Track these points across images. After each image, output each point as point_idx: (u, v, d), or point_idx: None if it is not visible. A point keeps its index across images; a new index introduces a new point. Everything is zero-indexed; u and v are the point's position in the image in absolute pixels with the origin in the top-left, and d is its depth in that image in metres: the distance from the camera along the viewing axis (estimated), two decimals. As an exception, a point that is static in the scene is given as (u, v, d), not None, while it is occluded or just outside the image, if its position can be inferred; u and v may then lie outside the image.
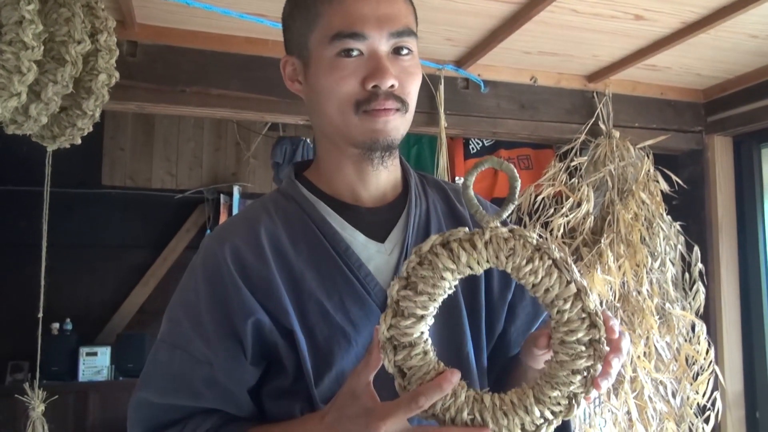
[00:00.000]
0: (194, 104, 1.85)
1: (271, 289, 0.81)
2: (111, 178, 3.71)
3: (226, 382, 0.80)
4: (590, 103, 2.21)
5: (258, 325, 0.81)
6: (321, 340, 0.82)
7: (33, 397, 1.62)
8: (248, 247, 0.84)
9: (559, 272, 0.65)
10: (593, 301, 0.65)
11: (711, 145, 2.32)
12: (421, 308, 0.66)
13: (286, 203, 0.90)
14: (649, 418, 2.04)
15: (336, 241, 0.86)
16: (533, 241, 0.66)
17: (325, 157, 0.91)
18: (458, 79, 2.09)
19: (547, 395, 0.65)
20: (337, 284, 0.84)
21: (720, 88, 2.25)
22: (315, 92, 0.86)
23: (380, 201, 0.91)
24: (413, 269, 0.67)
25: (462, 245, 0.66)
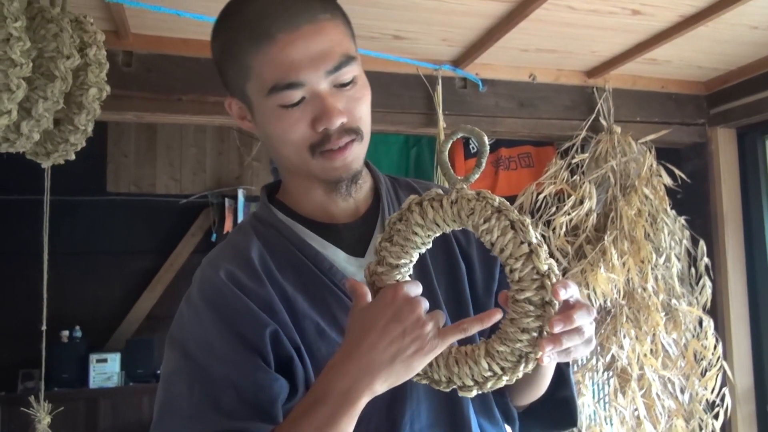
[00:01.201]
0: (191, 112, 1.85)
1: (272, 309, 0.80)
2: (116, 185, 3.73)
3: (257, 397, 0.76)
4: (590, 99, 2.18)
5: (275, 336, 0.79)
6: (320, 358, 0.81)
7: (39, 409, 1.63)
8: (242, 270, 0.83)
9: (515, 232, 0.68)
10: (547, 263, 0.67)
11: (714, 137, 2.29)
12: (394, 258, 0.73)
13: (264, 230, 0.89)
14: (657, 415, 2.02)
15: (319, 261, 0.85)
16: (495, 203, 0.69)
17: (291, 185, 0.91)
18: (456, 78, 2.08)
19: (496, 350, 0.69)
20: (328, 302, 0.84)
21: (722, 79, 2.22)
22: (268, 137, 0.84)
23: (353, 215, 0.91)
24: (393, 224, 0.74)
25: (431, 204, 0.72)
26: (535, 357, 0.68)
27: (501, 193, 2.40)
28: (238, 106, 0.86)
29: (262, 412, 0.76)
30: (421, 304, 0.70)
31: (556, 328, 0.67)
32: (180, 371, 0.79)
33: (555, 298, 0.67)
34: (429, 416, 0.84)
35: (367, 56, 1.90)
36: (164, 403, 0.79)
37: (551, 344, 0.67)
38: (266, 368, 0.78)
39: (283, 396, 0.78)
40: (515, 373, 0.69)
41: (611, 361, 2.06)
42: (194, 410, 0.75)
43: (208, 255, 0.89)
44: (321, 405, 0.69)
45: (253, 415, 0.75)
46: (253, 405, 0.76)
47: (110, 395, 3.34)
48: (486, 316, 0.69)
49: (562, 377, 0.93)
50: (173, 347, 0.81)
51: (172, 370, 0.80)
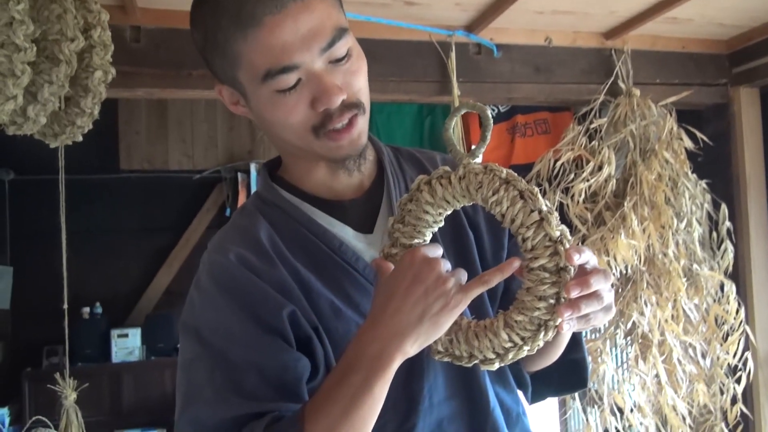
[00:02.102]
0: (202, 87, 1.82)
1: (286, 290, 0.79)
2: (129, 163, 3.72)
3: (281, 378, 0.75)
4: (608, 62, 2.12)
5: (293, 316, 0.77)
6: (337, 336, 0.80)
7: (65, 386, 1.64)
8: (252, 252, 0.80)
9: (524, 202, 0.68)
10: (558, 229, 0.67)
11: (736, 97, 2.23)
12: (407, 238, 0.74)
13: (269, 210, 0.87)
14: (678, 380, 2.01)
15: (328, 239, 0.84)
16: (502, 175, 0.70)
17: (292, 164, 0.89)
18: (470, 45, 2.02)
19: (514, 320, 0.68)
20: (340, 281, 0.82)
21: (745, 37, 2.14)
22: (265, 122, 0.81)
23: (358, 190, 0.89)
24: (404, 204, 0.75)
25: (440, 181, 0.73)
26: (554, 324, 0.67)
27: (517, 160, 2.36)
28: (230, 93, 0.82)
29: (289, 393, 0.75)
30: (439, 262, 0.69)
31: (573, 293, 0.66)
32: (199, 358, 0.77)
33: (569, 263, 0.66)
34: (447, 388, 0.84)
35: (378, 24, 1.85)
36: (186, 392, 0.77)
37: (569, 310, 0.66)
38: (288, 348, 0.76)
39: (306, 375, 0.77)
40: (535, 342, 0.68)
41: (632, 327, 2.05)
42: (218, 396, 0.74)
43: (213, 239, 0.87)
44: (353, 372, 0.68)
45: (279, 396, 0.74)
46: (278, 386, 0.75)
47: (133, 369, 3.39)
48: (506, 265, 0.69)
49: (574, 340, 0.92)
50: (188, 335, 0.80)
51: (191, 358, 0.78)
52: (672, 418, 1.97)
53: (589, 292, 0.67)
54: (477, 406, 0.85)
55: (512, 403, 0.90)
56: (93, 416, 3.21)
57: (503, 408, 0.88)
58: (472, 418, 0.85)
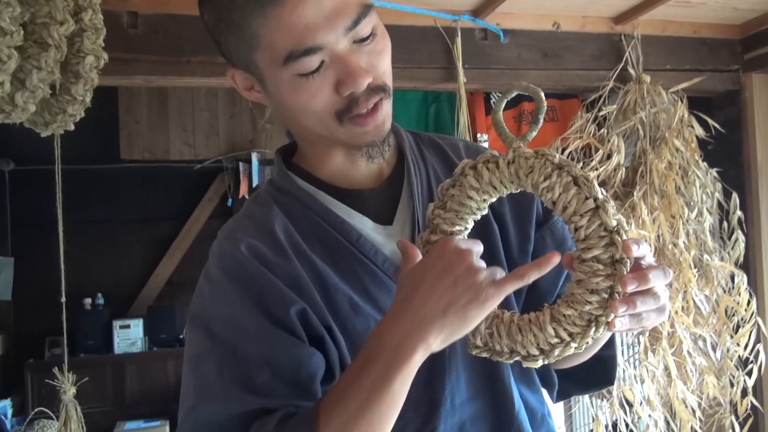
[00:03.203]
0: (201, 74, 1.77)
1: (300, 285, 0.74)
2: (129, 152, 3.67)
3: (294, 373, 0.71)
4: (618, 47, 2.06)
5: (303, 314, 0.73)
6: (356, 334, 0.76)
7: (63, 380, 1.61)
8: (265, 244, 0.76)
9: (578, 188, 0.63)
10: (615, 218, 0.62)
11: (749, 84, 2.16)
12: (448, 224, 0.70)
13: (284, 199, 0.82)
14: (688, 373, 1.97)
15: (346, 231, 0.79)
16: (554, 160, 0.65)
17: (308, 150, 0.84)
18: (476, 30, 1.96)
19: (562, 314, 0.64)
20: (359, 275, 0.78)
21: (758, 21, 2.07)
22: (284, 108, 0.77)
23: (377, 179, 0.84)
24: (446, 190, 0.71)
25: (486, 165, 0.68)
26: (606, 321, 0.62)
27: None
28: (243, 77, 0.77)
29: (302, 390, 0.71)
30: (473, 253, 0.65)
31: (630, 287, 0.60)
32: (207, 353, 0.73)
33: (626, 254, 0.61)
34: (469, 389, 0.80)
35: (381, 8, 1.79)
36: (194, 387, 0.73)
37: (624, 305, 0.61)
38: (301, 343, 0.72)
39: (321, 372, 0.73)
40: (584, 338, 0.63)
41: (641, 319, 2.00)
42: (228, 392, 0.70)
43: (225, 228, 0.82)
44: (373, 363, 0.64)
45: (292, 392, 0.70)
46: (292, 382, 0.70)
47: (135, 360, 3.37)
48: (544, 261, 0.64)
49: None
50: (196, 327, 0.75)
51: (199, 352, 0.74)
52: (681, 411, 1.93)
53: (647, 287, 0.61)
54: (501, 407, 0.81)
55: (537, 403, 0.86)
56: (96, 407, 3.21)
57: (528, 409, 0.84)
58: (496, 420, 0.81)
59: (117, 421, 3.23)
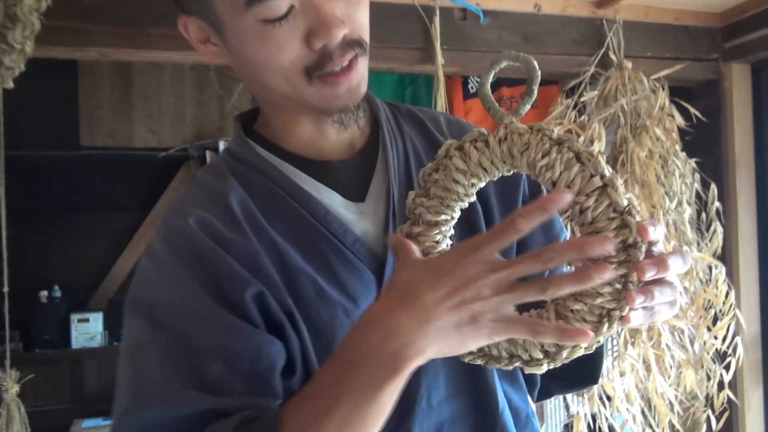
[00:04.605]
0: (161, 48, 1.62)
1: (257, 265, 0.63)
2: (90, 139, 3.47)
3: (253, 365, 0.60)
4: (599, 32, 1.97)
5: (260, 297, 0.62)
6: (320, 322, 0.65)
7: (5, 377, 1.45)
8: (219, 218, 0.65)
9: (582, 165, 0.55)
10: (626, 197, 0.54)
11: (728, 73, 2.11)
12: (432, 213, 0.61)
13: (243, 170, 0.72)
14: (667, 366, 1.90)
15: (312, 206, 0.69)
16: (553, 135, 0.57)
17: (272, 116, 0.74)
18: (455, 9, 1.85)
19: (570, 310, 0.54)
20: (326, 256, 0.68)
21: (740, 9, 2.02)
22: (245, 63, 0.67)
23: (348, 151, 0.74)
24: (429, 174, 0.62)
25: (474, 145, 0.59)
26: (620, 315, 0.53)
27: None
28: (198, 27, 0.68)
29: (260, 385, 0.59)
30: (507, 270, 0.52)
31: (648, 274, 0.51)
32: (149, 342, 0.61)
33: (642, 237, 0.52)
34: (448, 386, 0.70)
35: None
36: (131, 384, 0.61)
37: (641, 295, 0.51)
38: (259, 330, 0.61)
39: (281, 363, 0.62)
40: (596, 336, 0.53)
41: (620, 311, 1.92)
42: (173, 388, 0.58)
43: (174, 201, 0.71)
44: (357, 372, 0.52)
45: (249, 388, 0.59)
46: (249, 376, 0.59)
47: (94, 355, 3.18)
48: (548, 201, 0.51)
49: None
50: (136, 314, 0.63)
51: (138, 342, 0.62)
52: (660, 405, 1.87)
53: (665, 275, 0.52)
54: (484, 407, 0.71)
55: (521, 402, 0.77)
56: (52, 405, 3.02)
57: (512, 409, 0.74)
58: (478, 420, 0.71)
59: (74, 419, 3.04)
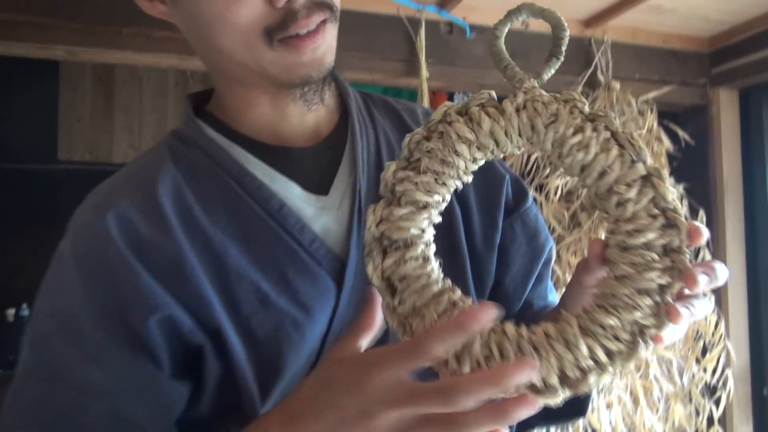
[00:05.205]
0: (133, 48, 1.52)
1: (181, 272, 0.54)
2: (69, 152, 3.35)
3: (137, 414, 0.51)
4: (587, 52, 1.91)
5: (168, 323, 0.53)
6: (262, 336, 0.55)
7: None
8: (142, 214, 0.56)
9: (621, 148, 0.46)
10: (672, 192, 0.45)
11: (716, 99, 2.05)
12: (423, 192, 0.47)
13: (188, 152, 0.62)
14: (655, 399, 1.79)
15: (264, 197, 0.59)
16: (585, 109, 0.48)
17: (227, 94, 0.65)
18: (441, 23, 1.78)
19: (600, 324, 0.43)
20: (275, 257, 0.58)
21: (727, 34, 1.97)
22: (197, 22, 0.58)
23: (312, 138, 0.65)
24: (416, 144, 0.48)
25: (486, 110, 0.48)
26: (658, 331, 0.43)
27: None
28: None
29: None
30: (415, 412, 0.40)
31: (702, 284, 0.42)
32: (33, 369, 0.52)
33: (693, 241, 0.44)
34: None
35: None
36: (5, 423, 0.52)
37: (686, 309, 0.43)
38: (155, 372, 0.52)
39: (179, 407, 0.53)
40: (628, 359, 0.43)
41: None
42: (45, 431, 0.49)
43: (100, 186, 0.61)
44: None
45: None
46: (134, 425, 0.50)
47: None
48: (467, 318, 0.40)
49: None
50: (28, 331, 0.55)
51: (22, 366, 0.54)
52: (648, 440, 1.75)
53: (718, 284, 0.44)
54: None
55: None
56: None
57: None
58: None
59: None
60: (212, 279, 0.55)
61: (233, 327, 0.54)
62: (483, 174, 0.72)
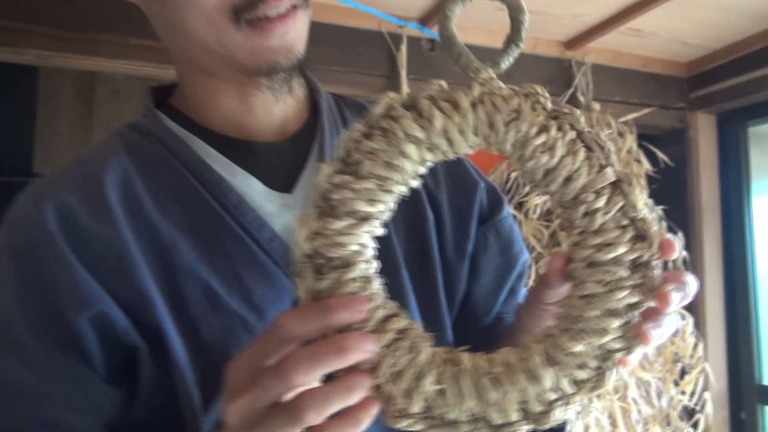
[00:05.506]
0: (109, 56, 1.48)
1: (122, 266, 0.51)
2: (45, 167, 3.28)
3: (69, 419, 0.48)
4: (568, 73, 1.91)
5: (101, 321, 0.49)
6: (209, 338, 0.52)
7: None
8: (84, 203, 0.53)
9: (588, 151, 0.41)
10: (643, 200, 0.41)
11: (694, 123, 2.06)
12: (364, 201, 0.40)
13: (145, 143, 0.59)
14: (634, 422, 1.76)
15: (222, 192, 0.56)
16: (548, 105, 0.42)
17: (191, 85, 0.62)
18: (423, 39, 1.77)
19: (566, 352, 0.39)
20: (229, 254, 0.55)
21: (706, 59, 1.99)
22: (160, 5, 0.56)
23: (279, 134, 0.63)
24: (356, 143, 0.41)
25: (437, 104, 0.42)
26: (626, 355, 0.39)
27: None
28: None
29: None
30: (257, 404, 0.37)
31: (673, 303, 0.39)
32: None
33: (664, 254, 0.40)
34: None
35: (323, 5, 1.59)
36: None
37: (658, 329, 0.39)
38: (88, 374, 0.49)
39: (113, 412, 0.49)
40: (596, 389, 0.39)
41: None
42: None
43: (43, 176, 0.58)
44: None
45: None
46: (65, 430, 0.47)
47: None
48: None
49: None
50: None
51: None
52: (627, 465, 1.71)
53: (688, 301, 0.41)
54: None
55: None
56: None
57: None
58: None
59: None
60: (157, 275, 0.51)
61: (177, 328, 0.50)
62: (456, 180, 0.69)
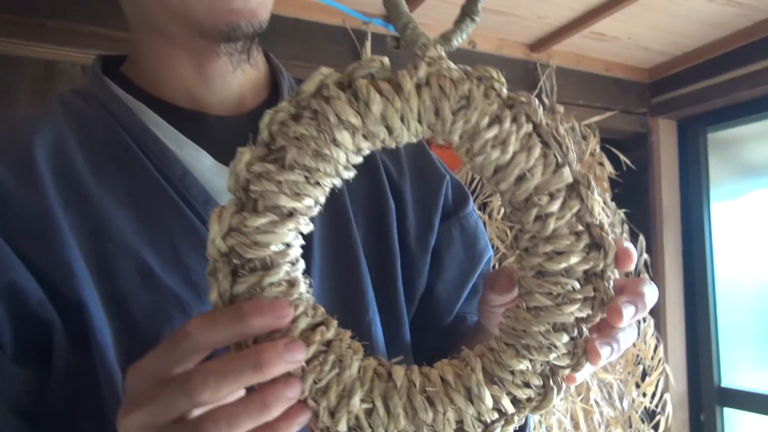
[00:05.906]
0: (58, 43, 1.41)
1: (43, 234, 0.45)
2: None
3: None
4: (533, 75, 1.90)
5: (11, 292, 0.43)
6: (140, 316, 0.47)
7: None
8: (7, 165, 0.48)
9: (545, 147, 0.37)
10: (601, 204, 0.36)
11: (655, 128, 2.07)
12: (289, 195, 0.34)
13: (87, 108, 0.54)
14: (596, 424, 1.74)
15: (166, 162, 0.52)
16: (503, 92, 0.37)
17: (145, 53, 0.57)
18: (388, 37, 1.74)
19: (508, 369, 0.36)
20: (169, 228, 0.50)
21: (667, 66, 2.00)
22: None
23: (236, 108, 0.59)
24: (280, 126, 0.35)
25: (375, 84, 0.36)
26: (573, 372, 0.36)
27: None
28: None
29: None
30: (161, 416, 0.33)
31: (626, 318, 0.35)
32: None
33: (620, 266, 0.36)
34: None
35: None
36: None
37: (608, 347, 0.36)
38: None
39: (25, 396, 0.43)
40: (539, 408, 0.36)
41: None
42: None
43: None
44: None
45: None
46: None
47: None
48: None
49: None
50: None
51: None
52: (588, 468, 1.69)
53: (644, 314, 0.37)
54: None
55: None
56: None
57: None
58: None
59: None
60: (85, 246, 0.46)
61: (103, 304, 0.45)
62: (422, 171, 0.66)
